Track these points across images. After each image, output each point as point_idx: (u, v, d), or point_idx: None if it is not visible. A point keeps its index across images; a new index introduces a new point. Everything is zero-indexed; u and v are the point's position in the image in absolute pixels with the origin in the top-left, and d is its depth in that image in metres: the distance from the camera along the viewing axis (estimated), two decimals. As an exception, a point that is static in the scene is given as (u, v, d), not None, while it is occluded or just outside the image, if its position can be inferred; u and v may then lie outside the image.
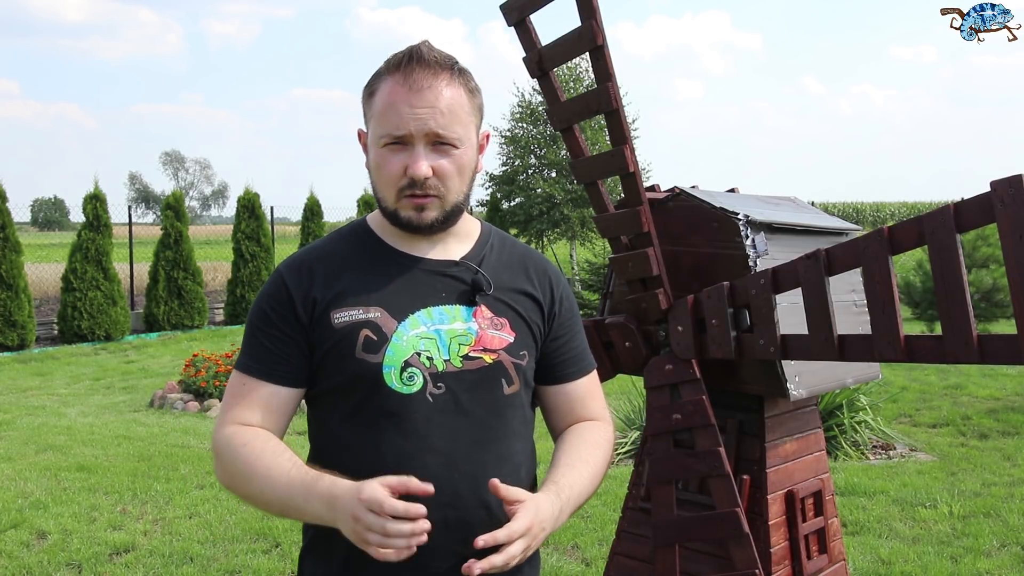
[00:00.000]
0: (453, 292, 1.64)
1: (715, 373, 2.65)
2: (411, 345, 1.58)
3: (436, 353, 1.59)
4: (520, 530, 1.44)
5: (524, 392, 1.68)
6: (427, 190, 1.57)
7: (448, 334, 1.60)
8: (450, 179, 1.59)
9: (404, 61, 1.56)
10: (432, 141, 1.56)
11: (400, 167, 1.56)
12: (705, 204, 2.67)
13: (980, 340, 2.13)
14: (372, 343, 1.57)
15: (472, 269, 1.66)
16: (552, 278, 1.75)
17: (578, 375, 1.77)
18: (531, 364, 1.69)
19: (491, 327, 1.63)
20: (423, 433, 1.56)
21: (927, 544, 4.92)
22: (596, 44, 2.41)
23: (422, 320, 1.60)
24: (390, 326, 1.58)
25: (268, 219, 16.90)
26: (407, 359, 1.57)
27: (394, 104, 1.55)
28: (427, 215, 1.59)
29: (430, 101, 1.54)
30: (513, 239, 1.80)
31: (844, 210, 43.83)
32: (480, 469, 1.57)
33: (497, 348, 1.63)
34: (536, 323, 1.70)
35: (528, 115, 23.08)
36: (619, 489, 5.68)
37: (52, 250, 22.26)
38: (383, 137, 1.57)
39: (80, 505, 5.62)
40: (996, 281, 12.03)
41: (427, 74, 1.55)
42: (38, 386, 10.56)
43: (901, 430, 7.55)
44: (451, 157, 1.58)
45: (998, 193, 2.08)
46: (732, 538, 2.44)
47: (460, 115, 1.58)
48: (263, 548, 4.90)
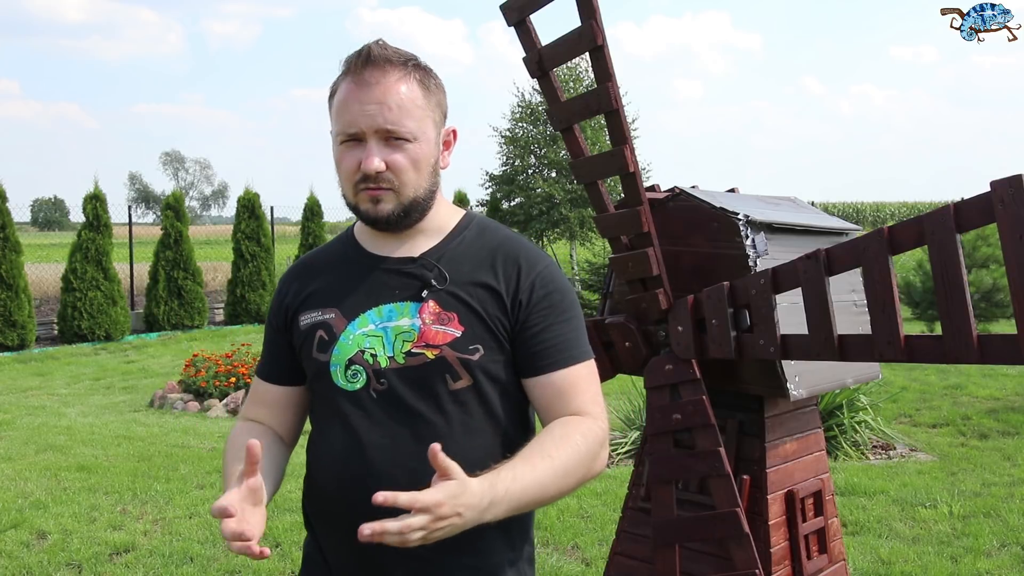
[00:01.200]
0: (408, 289, 1.66)
1: (715, 373, 2.65)
2: (356, 343, 1.64)
3: (381, 350, 1.63)
4: (425, 502, 1.33)
5: (486, 386, 1.63)
6: (380, 183, 1.61)
7: (394, 331, 1.63)
8: (404, 172, 1.61)
9: (355, 60, 1.61)
10: (384, 136, 1.59)
11: (355, 163, 1.60)
12: (705, 204, 2.68)
13: (980, 340, 2.13)
14: (324, 342, 1.67)
15: (430, 264, 1.66)
16: (523, 266, 1.67)
17: (556, 367, 1.65)
18: (490, 357, 1.63)
19: (436, 322, 1.62)
20: (366, 428, 1.62)
21: (927, 544, 4.92)
22: (596, 44, 2.41)
23: (371, 318, 1.65)
24: (340, 326, 1.66)
25: (268, 219, 16.89)
26: (351, 357, 1.64)
27: (346, 102, 1.60)
28: (383, 208, 1.62)
29: (378, 97, 1.57)
30: (498, 229, 1.76)
31: (844, 210, 43.82)
32: (421, 465, 1.48)
33: (440, 344, 1.61)
34: (495, 315, 1.63)
35: (528, 115, 23.08)
36: (619, 489, 5.68)
37: (52, 250, 22.30)
38: (339, 135, 1.62)
39: (80, 505, 5.62)
40: (996, 281, 12.04)
41: (376, 71, 1.58)
42: (38, 386, 10.56)
43: (901, 430, 7.55)
44: (404, 151, 1.60)
45: (998, 193, 2.08)
46: (732, 538, 2.44)
47: (411, 110, 1.60)
48: (263, 548, 4.90)
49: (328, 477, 1.67)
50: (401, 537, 1.33)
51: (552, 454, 1.53)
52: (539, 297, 1.66)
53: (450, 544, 1.46)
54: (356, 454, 1.62)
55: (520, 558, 1.71)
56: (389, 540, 1.32)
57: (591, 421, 1.63)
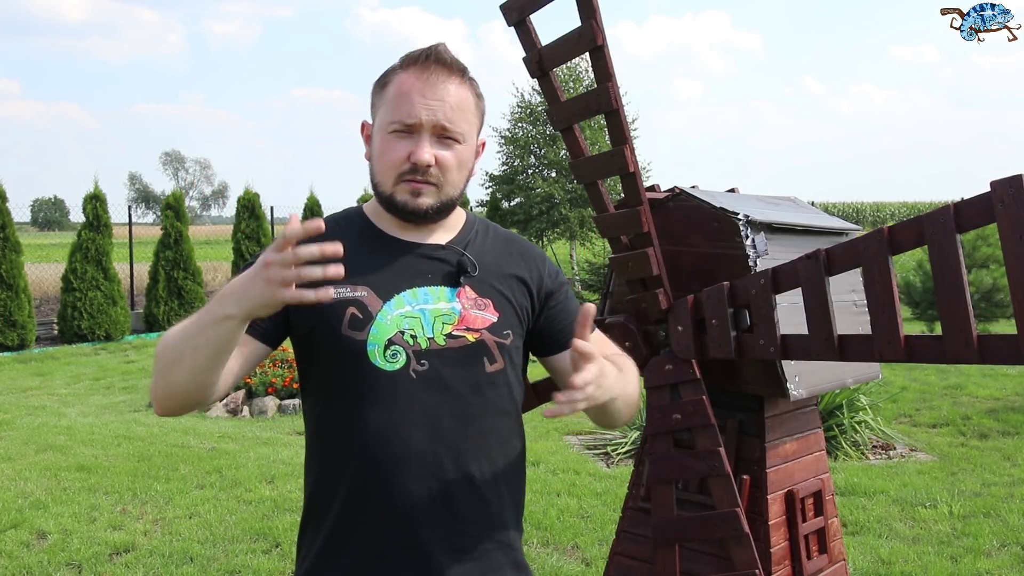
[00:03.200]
0: (439, 274, 1.70)
1: (715, 373, 2.65)
2: (395, 324, 1.64)
3: (420, 331, 1.65)
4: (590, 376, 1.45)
5: (510, 370, 1.72)
6: (427, 177, 1.64)
7: (432, 313, 1.66)
8: (450, 171, 1.66)
9: (423, 57, 1.66)
10: (438, 133, 1.65)
11: (404, 152, 1.64)
12: (705, 204, 2.68)
13: (980, 340, 2.13)
14: (358, 321, 1.64)
15: (458, 252, 1.73)
16: (537, 258, 1.82)
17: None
18: (516, 344, 1.73)
19: (474, 307, 1.69)
20: (406, 408, 1.61)
21: (927, 544, 4.92)
22: (596, 44, 2.41)
23: (407, 300, 1.66)
24: (375, 305, 1.65)
25: (268, 219, 16.88)
26: (391, 337, 1.63)
27: (408, 94, 1.64)
28: (423, 201, 1.66)
29: (442, 95, 1.64)
30: (497, 226, 1.87)
31: (844, 210, 43.81)
32: (463, 443, 1.63)
33: (480, 327, 1.68)
34: (521, 304, 1.75)
35: (528, 115, 23.10)
36: (619, 489, 5.68)
37: (52, 250, 22.29)
38: (392, 124, 1.64)
39: (80, 505, 5.62)
40: (996, 281, 12.04)
41: (443, 71, 1.65)
42: (38, 386, 10.56)
43: (901, 430, 7.55)
44: (454, 151, 1.66)
45: (998, 193, 2.08)
46: (732, 538, 2.44)
47: (467, 114, 1.67)
48: (263, 548, 4.90)
49: (365, 456, 1.62)
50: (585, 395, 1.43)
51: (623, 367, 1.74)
52: (558, 284, 1.82)
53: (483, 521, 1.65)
54: (396, 434, 1.61)
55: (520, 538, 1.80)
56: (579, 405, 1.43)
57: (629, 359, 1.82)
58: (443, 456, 1.62)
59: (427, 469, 1.60)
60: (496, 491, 1.68)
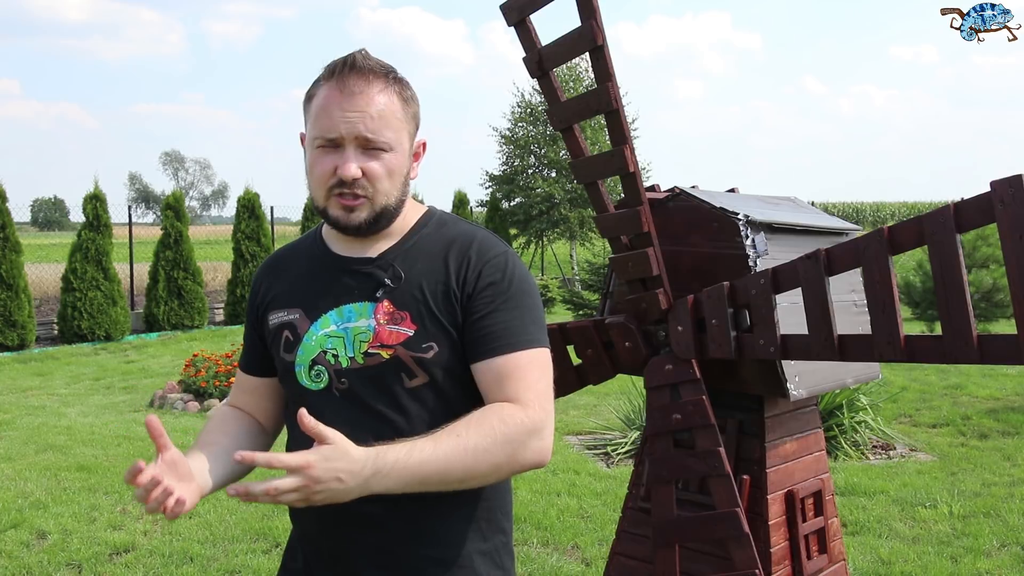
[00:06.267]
0: (366, 289, 1.68)
1: (715, 373, 2.65)
2: (318, 344, 1.68)
3: (342, 351, 1.67)
4: (292, 463, 1.36)
5: (443, 383, 1.64)
6: (356, 190, 1.62)
7: (353, 332, 1.67)
8: (379, 181, 1.63)
9: (339, 68, 1.62)
10: (362, 144, 1.61)
11: (331, 167, 1.62)
12: (705, 204, 2.68)
13: (980, 340, 2.13)
14: (289, 343, 1.72)
15: (386, 264, 1.69)
16: (472, 257, 1.67)
17: (494, 352, 1.63)
18: (444, 354, 1.64)
19: (390, 322, 1.65)
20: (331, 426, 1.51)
21: (927, 544, 4.92)
22: (596, 44, 2.41)
23: (333, 319, 1.69)
24: (304, 326, 1.71)
25: (268, 219, 16.88)
26: (314, 357, 1.68)
27: (327, 108, 1.61)
28: (356, 216, 1.64)
29: (361, 106, 1.60)
30: (457, 222, 1.76)
31: (844, 210, 43.80)
32: None
33: (394, 343, 1.64)
34: (445, 310, 1.65)
35: (528, 115, 23.10)
36: (619, 489, 5.68)
37: (52, 250, 22.30)
38: (316, 139, 1.63)
39: (80, 505, 5.62)
40: (996, 281, 12.04)
41: (360, 80, 1.61)
42: (38, 386, 10.56)
43: (901, 430, 7.55)
44: (381, 160, 1.63)
45: (998, 193, 2.09)
46: (732, 538, 2.44)
47: (391, 121, 1.63)
48: (263, 548, 4.90)
49: None
50: (270, 497, 1.36)
51: (460, 433, 1.51)
52: (484, 284, 1.65)
53: (412, 535, 1.63)
54: None
55: (495, 549, 1.71)
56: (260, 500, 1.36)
57: (518, 408, 1.58)
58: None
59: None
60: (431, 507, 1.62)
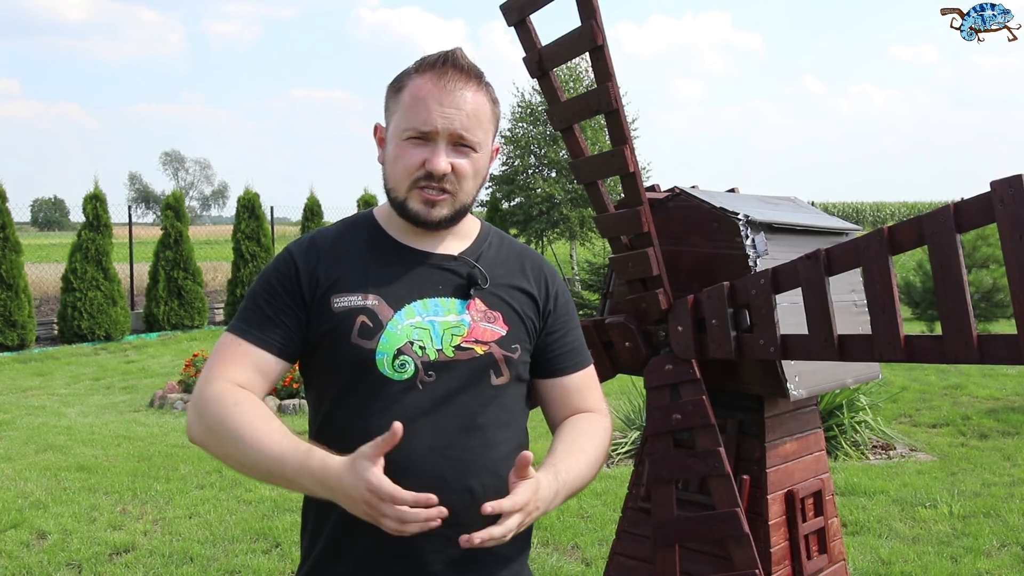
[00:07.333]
0: (450, 285, 1.69)
1: (715, 373, 2.65)
2: (405, 334, 1.64)
3: (429, 343, 1.64)
4: (521, 503, 1.47)
5: (515, 385, 1.72)
6: (443, 185, 1.64)
7: (442, 325, 1.66)
8: (466, 180, 1.66)
9: (439, 62, 1.64)
10: (454, 141, 1.63)
11: (419, 159, 1.62)
12: (705, 204, 2.67)
13: (980, 340, 2.13)
14: (368, 329, 1.63)
15: (469, 264, 1.72)
16: (548, 275, 1.81)
17: (574, 369, 1.81)
18: (523, 358, 1.73)
19: (484, 320, 1.69)
20: (411, 419, 1.57)
21: (927, 544, 4.92)
22: (596, 44, 2.41)
23: (417, 310, 1.66)
24: (386, 314, 1.64)
25: (268, 219, 16.88)
26: (400, 347, 1.63)
27: (424, 100, 1.61)
28: (437, 212, 1.66)
29: (458, 103, 1.62)
30: (511, 238, 1.86)
31: (844, 210, 43.77)
32: (466, 455, 1.62)
33: (488, 340, 1.68)
34: (530, 318, 1.75)
35: (528, 115, 23.08)
36: (619, 489, 5.68)
37: (52, 250, 22.28)
38: (407, 130, 1.63)
39: (80, 505, 5.62)
40: (996, 281, 12.04)
41: (459, 77, 1.63)
42: (38, 386, 10.56)
43: (901, 430, 7.55)
44: (469, 159, 1.66)
45: (998, 193, 2.08)
46: (732, 538, 2.44)
47: (482, 121, 1.66)
48: (263, 548, 4.90)
49: None
50: (504, 537, 1.46)
51: (587, 448, 1.70)
52: (561, 304, 1.81)
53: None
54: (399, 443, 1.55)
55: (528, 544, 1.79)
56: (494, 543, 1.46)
57: (605, 418, 1.81)
58: (444, 467, 1.60)
59: (428, 479, 1.56)
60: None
